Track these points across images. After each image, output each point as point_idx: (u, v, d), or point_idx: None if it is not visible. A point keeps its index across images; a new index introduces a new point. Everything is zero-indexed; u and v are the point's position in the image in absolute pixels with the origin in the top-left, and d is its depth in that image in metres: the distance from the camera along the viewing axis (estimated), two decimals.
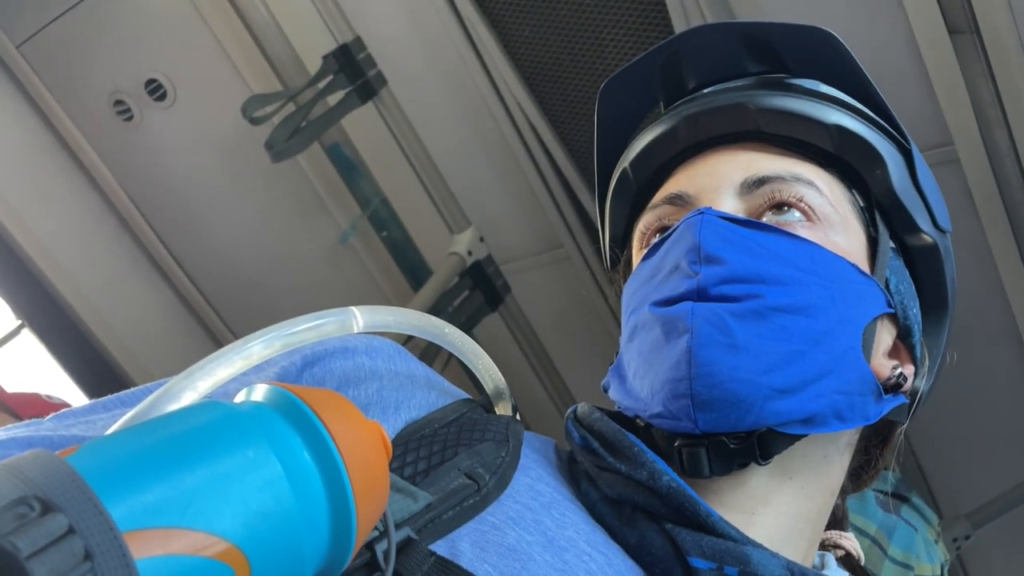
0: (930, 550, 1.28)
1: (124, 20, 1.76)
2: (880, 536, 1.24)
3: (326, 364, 0.52)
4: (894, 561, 1.23)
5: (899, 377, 0.57)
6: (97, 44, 1.81)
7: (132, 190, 2.02)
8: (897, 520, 1.27)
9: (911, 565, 1.24)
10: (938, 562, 1.28)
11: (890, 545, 1.24)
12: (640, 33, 1.46)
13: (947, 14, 1.23)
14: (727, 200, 0.58)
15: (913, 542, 1.26)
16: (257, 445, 0.33)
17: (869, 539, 1.23)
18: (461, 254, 1.81)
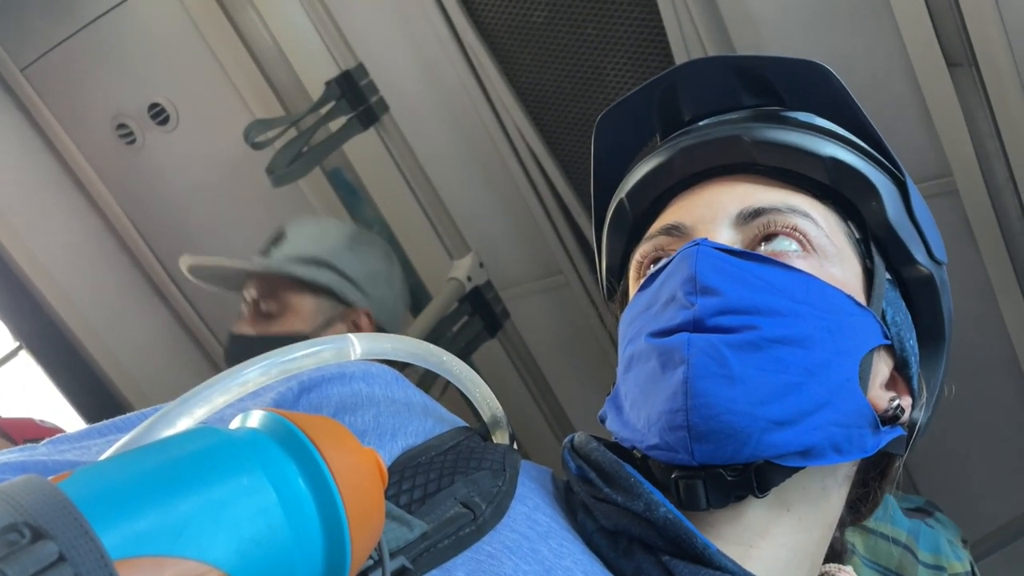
0: (955, 550, 1.27)
1: (128, 45, 1.78)
2: (911, 543, 1.23)
3: (323, 390, 0.52)
4: (927, 566, 1.22)
5: (897, 409, 0.57)
6: (101, 68, 1.82)
7: (133, 213, 2.02)
8: (920, 524, 1.26)
9: (943, 566, 1.23)
10: (966, 559, 1.26)
11: (919, 550, 1.22)
12: (640, 62, 1.47)
13: (945, 47, 1.24)
14: (723, 231, 0.59)
15: (939, 543, 1.24)
16: (251, 472, 0.33)
17: (901, 547, 1.21)
18: (461, 279, 1.81)
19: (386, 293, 1.41)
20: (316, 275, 1.31)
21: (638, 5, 1.41)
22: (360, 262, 1.39)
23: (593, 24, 1.46)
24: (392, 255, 1.48)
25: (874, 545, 1.16)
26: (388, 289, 1.42)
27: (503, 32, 1.54)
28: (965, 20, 1.20)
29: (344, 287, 1.33)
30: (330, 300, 1.33)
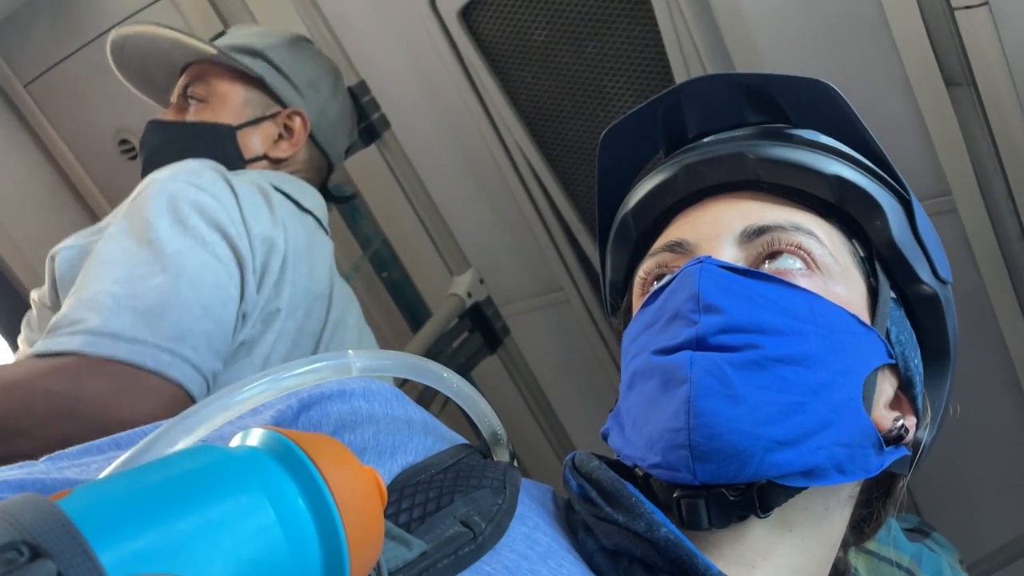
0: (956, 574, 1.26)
1: None
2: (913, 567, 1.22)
3: (322, 408, 0.52)
4: None
5: (901, 429, 0.57)
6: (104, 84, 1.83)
7: None
8: (922, 548, 1.26)
9: None
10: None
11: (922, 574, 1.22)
12: (640, 81, 1.48)
13: (944, 67, 1.25)
14: (727, 249, 0.59)
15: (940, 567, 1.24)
16: (251, 491, 0.33)
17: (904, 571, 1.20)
18: (461, 295, 1.81)
19: (328, 103, 1.32)
20: (250, 64, 1.23)
21: (638, 24, 1.42)
22: (300, 63, 1.30)
23: (593, 43, 1.47)
24: (339, 73, 1.39)
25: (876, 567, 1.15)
26: (331, 99, 1.33)
27: (504, 50, 1.55)
28: (963, 40, 1.21)
29: (278, 82, 1.25)
30: (262, 95, 1.25)
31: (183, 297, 0.94)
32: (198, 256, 0.98)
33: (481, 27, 1.53)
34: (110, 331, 0.90)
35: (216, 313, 0.97)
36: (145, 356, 0.90)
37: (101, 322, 0.90)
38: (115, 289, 0.93)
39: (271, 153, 1.23)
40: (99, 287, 0.94)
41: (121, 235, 1.00)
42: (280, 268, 1.07)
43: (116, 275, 0.95)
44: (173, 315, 0.93)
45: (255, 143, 1.23)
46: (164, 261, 0.96)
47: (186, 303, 0.94)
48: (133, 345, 0.90)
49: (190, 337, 0.93)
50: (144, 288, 0.94)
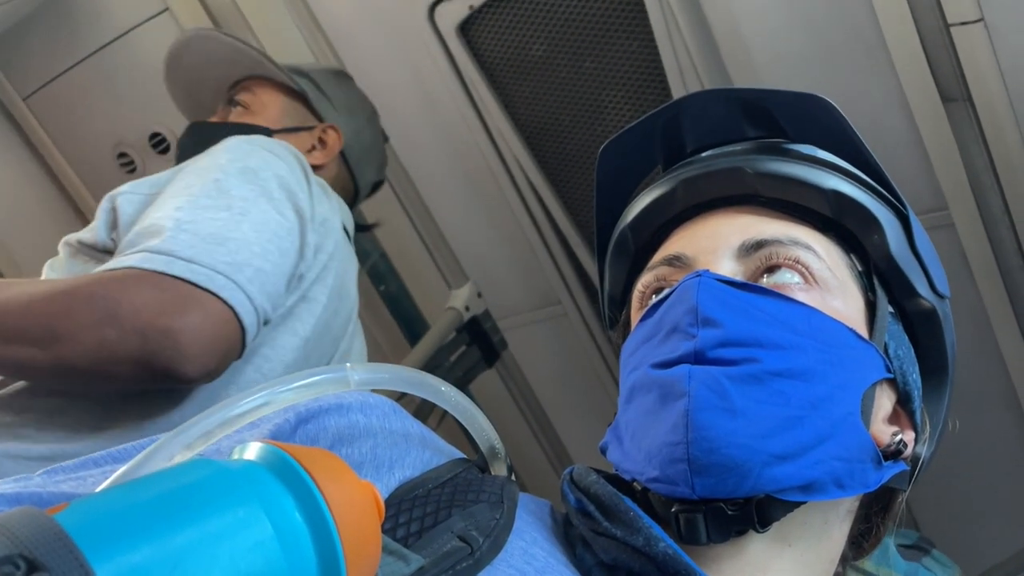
0: None
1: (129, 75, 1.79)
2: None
3: (320, 421, 0.52)
4: None
5: (899, 443, 0.57)
6: (102, 97, 1.83)
7: None
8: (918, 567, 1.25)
9: None
10: None
11: None
12: (638, 96, 1.49)
13: (940, 83, 1.25)
14: (725, 262, 0.59)
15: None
16: (248, 504, 0.33)
17: None
18: (459, 309, 1.81)
19: (363, 129, 1.37)
20: (296, 80, 1.30)
21: (636, 39, 1.43)
22: (340, 88, 1.37)
23: (591, 58, 1.48)
24: (376, 110, 1.45)
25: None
26: (365, 126, 1.39)
27: (502, 65, 1.55)
28: (959, 56, 1.22)
29: (318, 99, 1.31)
30: (303, 109, 1.31)
31: (243, 233, 0.94)
32: (262, 206, 0.98)
33: (479, 42, 1.54)
34: (166, 250, 0.89)
35: (274, 258, 0.96)
36: (199, 275, 0.88)
37: (159, 242, 0.90)
38: (176, 215, 0.93)
39: None
40: (160, 214, 0.94)
41: (188, 174, 1.01)
42: (329, 254, 1.09)
43: (179, 203, 0.95)
44: (232, 245, 0.92)
45: None
46: (229, 201, 0.96)
47: (246, 239, 0.94)
48: (189, 264, 0.88)
49: (246, 269, 0.92)
50: (205, 218, 0.93)
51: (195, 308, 0.86)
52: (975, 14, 1.17)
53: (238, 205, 0.96)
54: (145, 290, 0.86)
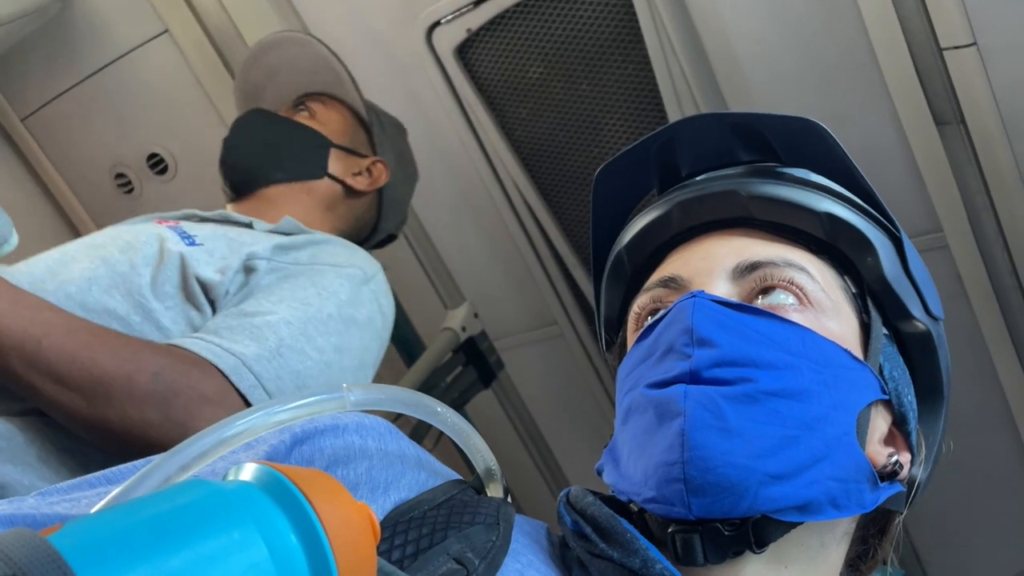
0: None
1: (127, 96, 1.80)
2: None
3: (316, 442, 0.51)
4: None
5: (895, 465, 0.57)
6: (100, 118, 1.84)
7: None
8: None
9: None
10: None
11: None
12: (634, 118, 1.50)
13: (933, 105, 1.26)
14: (720, 284, 0.59)
15: None
16: (243, 526, 0.33)
17: None
18: (455, 329, 1.81)
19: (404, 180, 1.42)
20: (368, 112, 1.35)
21: (632, 62, 1.44)
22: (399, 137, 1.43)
23: (588, 81, 1.49)
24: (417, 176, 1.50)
25: None
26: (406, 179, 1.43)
27: (500, 87, 1.56)
28: (952, 79, 1.23)
29: (381, 136, 1.36)
30: (363, 138, 1.34)
31: (317, 384, 0.97)
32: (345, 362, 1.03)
33: (477, 64, 1.55)
34: (256, 371, 0.91)
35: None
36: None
37: (254, 356, 0.91)
38: (283, 331, 0.95)
39: (349, 181, 1.30)
40: (272, 318, 0.96)
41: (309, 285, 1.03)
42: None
43: (289, 317, 0.97)
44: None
45: (340, 166, 1.30)
46: (324, 344, 0.99)
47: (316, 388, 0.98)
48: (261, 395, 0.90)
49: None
50: (301, 349, 0.96)
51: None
52: (968, 38, 1.19)
53: (329, 355, 0.99)
54: (206, 392, 0.87)
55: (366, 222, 1.36)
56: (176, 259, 1.00)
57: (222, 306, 1.00)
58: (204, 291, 1.00)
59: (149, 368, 0.86)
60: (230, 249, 1.05)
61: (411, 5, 1.52)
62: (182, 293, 0.99)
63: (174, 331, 0.96)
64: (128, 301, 0.96)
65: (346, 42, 1.65)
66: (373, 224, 1.38)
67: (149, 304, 0.96)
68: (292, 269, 1.06)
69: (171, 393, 0.85)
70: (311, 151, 1.28)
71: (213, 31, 1.72)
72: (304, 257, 1.09)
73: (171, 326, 0.96)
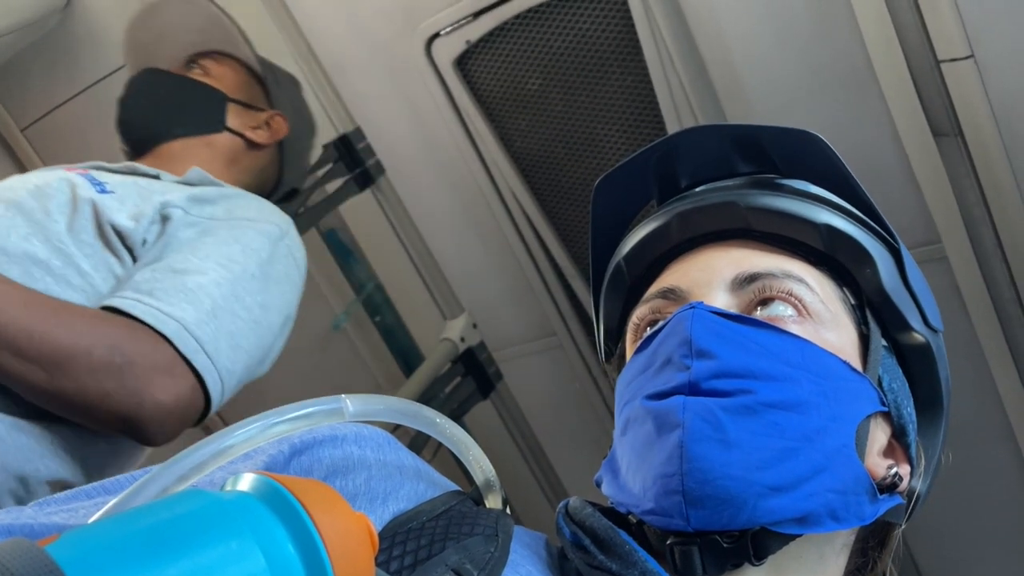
0: None
1: None
2: None
3: (314, 453, 0.51)
4: None
5: (894, 477, 0.57)
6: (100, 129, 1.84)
7: None
8: None
9: None
10: None
11: None
12: (632, 130, 1.50)
13: (931, 118, 1.27)
14: (719, 295, 0.59)
15: None
16: (240, 536, 0.33)
17: None
18: (454, 340, 1.81)
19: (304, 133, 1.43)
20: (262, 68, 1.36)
21: (630, 74, 1.44)
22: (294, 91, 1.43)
23: (586, 92, 1.49)
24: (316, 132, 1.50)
25: None
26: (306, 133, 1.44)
27: (498, 98, 1.57)
28: (949, 91, 1.23)
29: (276, 90, 1.36)
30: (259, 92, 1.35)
31: (249, 344, 1.02)
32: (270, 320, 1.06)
33: (476, 76, 1.56)
34: (197, 336, 0.95)
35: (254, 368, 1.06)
36: (209, 374, 0.95)
37: (194, 320, 0.95)
38: (216, 292, 0.99)
39: (249, 134, 1.31)
40: (203, 279, 0.98)
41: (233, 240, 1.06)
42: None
43: (219, 278, 1.00)
44: (238, 355, 0.99)
45: (239, 120, 1.30)
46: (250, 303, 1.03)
47: (249, 352, 1.02)
48: (208, 361, 0.95)
49: (233, 377, 1.00)
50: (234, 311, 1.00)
51: (191, 397, 0.94)
52: (965, 51, 1.19)
53: (256, 313, 1.03)
54: (160, 362, 0.91)
55: (269, 175, 1.37)
56: (88, 206, 1.02)
57: (141, 255, 1.03)
58: (120, 239, 1.03)
59: (105, 340, 0.89)
60: (141, 197, 1.07)
61: (411, 17, 1.53)
62: (100, 240, 1.02)
63: (95, 276, 0.99)
64: (47, 247, 0.98)
65: (346, 54, 1.66)
66: (276, 178, 1.39)
67: (68, 249, 0.99)
68: (210, 224, 1.08)
69: (126, 364, 0.89)
70: (208, 106, 1.29)
71: None
72: (220, 212, 1.10)
73: (92, 271, 0.99)
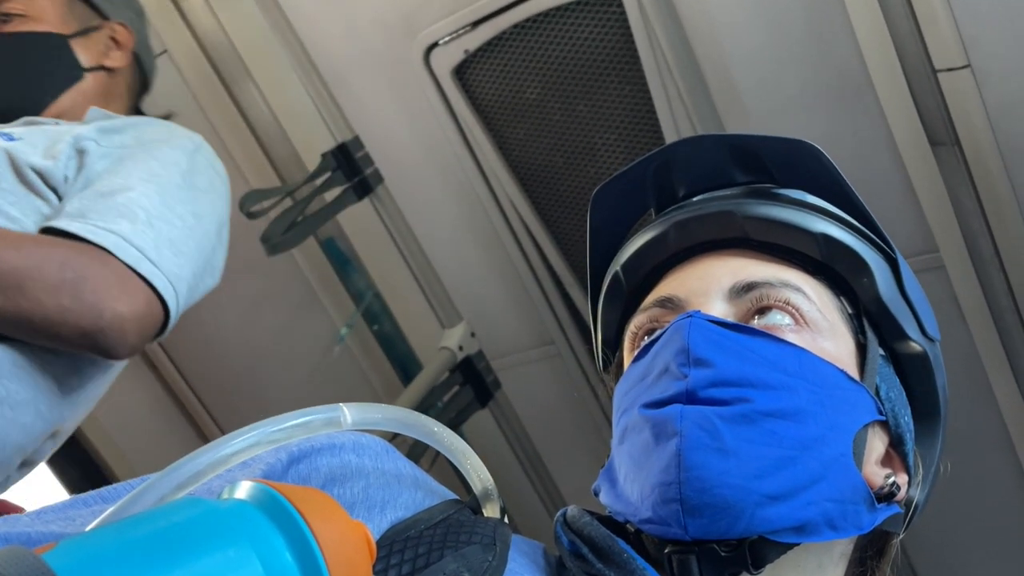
0: None
1: None
2: None
3: (312, 461, 0.51)
4: None
5: (892, 486, 0.57)
6: None
7: None
8: None
9: None
10: None
11: None
12: (630, 139, 1.50)
13: (928, 127, 1.27)
14: (716, 304, 0.59)
15: None
16: (238, 544, 0.33)
17: None
18: (452, 349, 1.81)
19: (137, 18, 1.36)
20: None
21: (628, 83, 1.45)
22: None
23: (584, 101, 1.50)
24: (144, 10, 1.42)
25: None
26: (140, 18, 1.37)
27: (497, 107, 1.57)
28: (947, 101, 1.24)
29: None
30: (82, 7, 1.27)
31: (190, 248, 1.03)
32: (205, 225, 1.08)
33: (474, 85, 1.56)
34: (137, 245, 0.97)
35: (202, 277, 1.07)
36: (158, 280, 0.97)
37: (131, 230, 0.97)
38: (147, 203, 1.00)
39: (107, 63, 1.25)
40: (132, 195, 1.00)
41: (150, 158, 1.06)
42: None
43: (147, 190, 1.01)
44: (183, 260, 1.02)
45: (88, 53, 1.24)
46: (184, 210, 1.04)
47: (191, 256, 1.03)
48: (153, 268, 0.97)
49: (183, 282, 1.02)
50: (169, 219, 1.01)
51: (147, 305, 0.97)
52: (962, 60, 1.20)
53: (190, 221, 1.05)
54: (110, 276, 0.94)
55: (138, 82, 1.34)
56: (2, 155, 1.03)
57: (65, 192, 1.03)
58: (43, 179, 1.03)
59: (53, 258, 0.92)
60: (50, 139, 1.07)
61: (409, 26, 1.53)
62: (22, 185, 1.02)
63: (27, 221, 0.99)
64: None
65: (345, 63, 1.66)
66: (143, 79, 1.35)
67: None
68: (122, 152, 1.08)
69: (79, 279, 0.92)
70: (54, 56, 1.21)
71: (211, 52, 1.73)
72: (129, 140, 1.10)
73: (22, 216, 0.99)
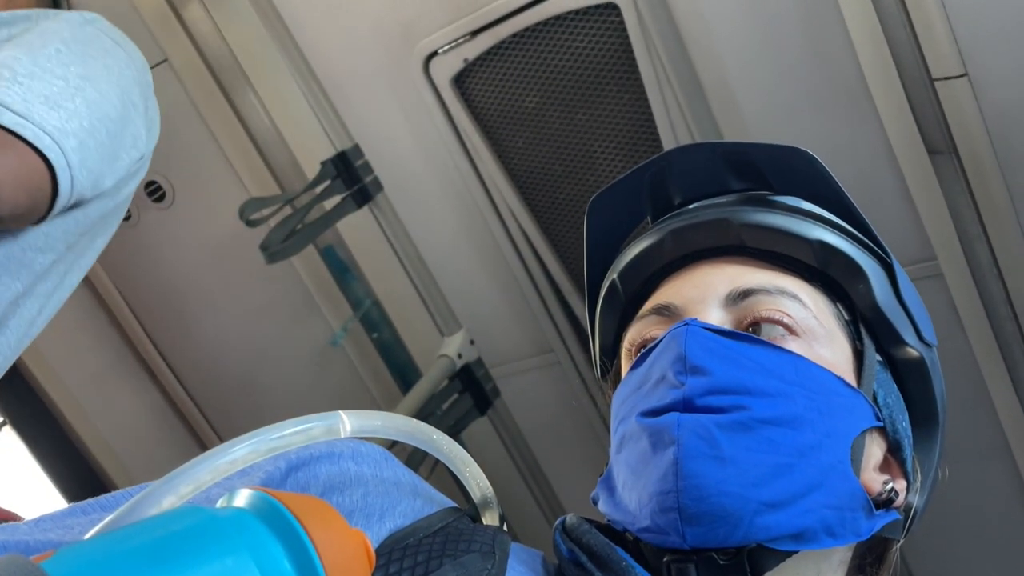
0: None
1: None
2: None
3: (311, 469, 0.51)
4: None
5: (891, 492, 0.57)
6: None
7: (124, 288, 2.03)
8: None
9: None
10: None
11: None
12: (629, 147, 1.51)
13: (926, 135, 1.28)
14: (712, 312, 0.59)
15: None
16: (236, 553, 0.33)
17: None
18: (451, 356, 1.81)
19: None
20: None
21: (627, 92, 1.45)
22: None
23: (583, 110, 1.50)
24: None
25: None
26: None
27: (496, 116, 1.58)
28: (944, 110, 1.24)
29: None
30: None
31: (75, 105, 0.95)
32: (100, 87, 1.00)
33: (474, 93, 1.56)
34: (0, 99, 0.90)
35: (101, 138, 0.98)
36: (27, 130, 0.90)
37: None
38: (14, 65, 0.94)
39: None
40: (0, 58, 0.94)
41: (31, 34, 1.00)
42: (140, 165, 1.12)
43: (17, 54, 0.95)
44: (63, 113, 0.94)
45: None
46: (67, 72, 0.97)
47: (77, 111, 0.95)
48: (19, 119, 0.90)
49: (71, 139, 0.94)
50: (43, 78, 0.94)
51: (18, 157, 0.89)
52: (959, 69, 1.20)
53: (76, 82, 0.97)
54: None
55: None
56: None
57: None
58: None
59: None
60: None
61: (409, 35, 1.54)
62: None
63: None
64: None
65: (345, 71, 1.66)
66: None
67: None
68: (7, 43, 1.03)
69: None
70: None
71: (212, 61, 1.74)
72: (17, 30, 1.06)
73: None
